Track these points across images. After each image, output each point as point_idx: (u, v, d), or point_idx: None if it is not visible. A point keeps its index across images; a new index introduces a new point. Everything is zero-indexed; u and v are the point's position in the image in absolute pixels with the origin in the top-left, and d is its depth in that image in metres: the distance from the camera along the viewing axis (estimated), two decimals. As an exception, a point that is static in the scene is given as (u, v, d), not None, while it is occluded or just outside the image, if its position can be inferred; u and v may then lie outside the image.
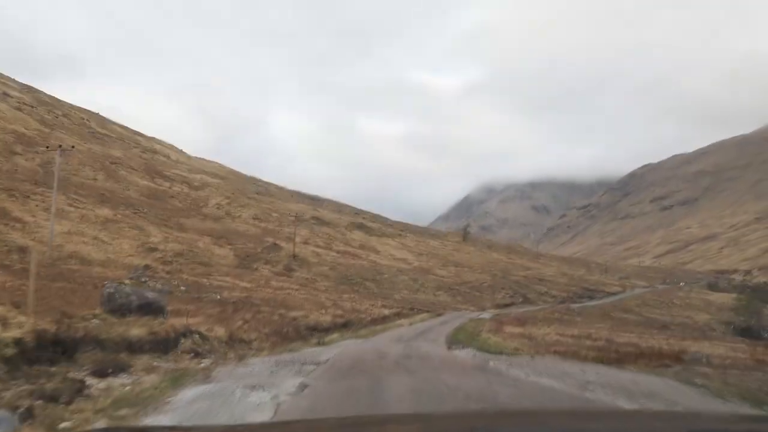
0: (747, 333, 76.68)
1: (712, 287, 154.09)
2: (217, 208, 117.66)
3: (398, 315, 36.56)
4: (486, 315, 43.69)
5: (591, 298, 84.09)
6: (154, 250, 57.64)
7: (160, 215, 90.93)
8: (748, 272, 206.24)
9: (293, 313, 24.96)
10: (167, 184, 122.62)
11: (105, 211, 77.07)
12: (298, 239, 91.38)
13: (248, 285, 38.61)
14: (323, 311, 28.78)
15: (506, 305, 61.45)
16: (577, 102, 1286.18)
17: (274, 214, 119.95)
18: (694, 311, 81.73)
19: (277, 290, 37.30)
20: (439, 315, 43.69)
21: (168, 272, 36.29)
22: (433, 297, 61.02)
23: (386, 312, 35.81)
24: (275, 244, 74.09)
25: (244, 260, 66.28)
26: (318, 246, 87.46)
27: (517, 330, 26.90)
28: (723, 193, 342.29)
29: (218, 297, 24.34)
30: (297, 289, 40.91)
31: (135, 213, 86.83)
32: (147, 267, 35.12)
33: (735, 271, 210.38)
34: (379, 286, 60.36)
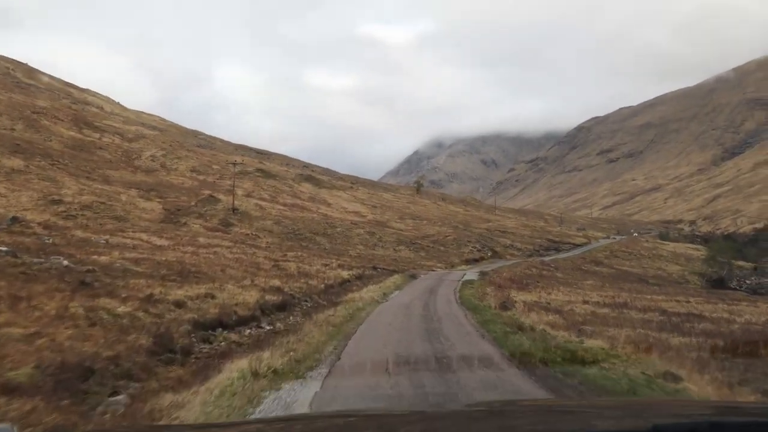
0: (719, 284, 73.67)
1: (664, 237, 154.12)
2: (152, 160, 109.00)
3: (360, 278, 28.81)
4: (471, 275, 36.70)
5: (557, 250, 78.87)
6: (57, 202, 48.05)
7: (84, 167, 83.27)
8: (693, 222, 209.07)
9: (185, 292, 15.23)
10: (96, 135, 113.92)
11: (15, 162, 70.55)
12: (240, 192, 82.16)
13: (164, 243, 30.19)
14: (249, 281, 19.48)
15: (476, 260, 54.95)
16: (527, 56, 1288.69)
17: (215, 167, 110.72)
18: (664, 262, 77.72)
19: (200, 248, 28.96)
20: (413, 276, 36.30)
21: (46, 227, 27.51)
22: (394, 252, 53.81)
23: (345, 274, 28.08)
24: (212, 196, 64.92)
25: (173, 214, 57.15)
26: (262, 199, 78.62)
27: (529, 298, 19.81)
28: (667, 145, 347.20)
29: (65, 264, 15.19)
30: (229, 247, 32.75)
31: (53, 164, 80.00)
32: (15, 219, 26.31)
33: (680, 221, 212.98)
34: (331, 241, 52.56)
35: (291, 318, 16.39)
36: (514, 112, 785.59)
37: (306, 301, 19.57)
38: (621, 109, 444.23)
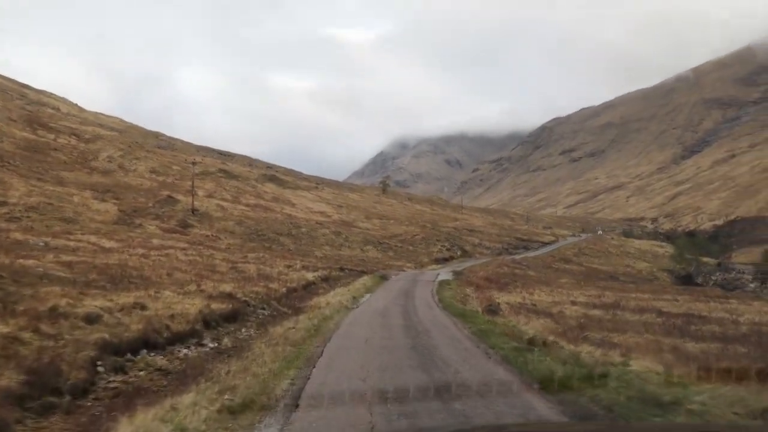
0: (688, 280, 73.93)
1: (628, 234, 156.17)
2: (109, 161, 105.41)
3: (326, 280, 26.69)
4: (445, 274, 35.40)
5: (526, 248, 78.02)
6: (1, 204, 44.69)
7: (36, 168, 79.95)
8: (655, 219, 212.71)
9: (105, 302, 12.20)
10: (51, 136, 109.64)
11: (-43, 163, 67.04)
12: (201, 193, 79.07)
13: (113, 245, 27.62)
14: (195, 287, 16.53)
15: (445, 259, 53.37)
16: (489, 56, 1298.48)
17: (175, 167, 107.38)
18: (632, 259, 77.64)
19: (152, 251, 26.41)
20: (384, 278, 34.22)
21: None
22: (362, 253, 51.83)
23: (310, 276, 25.87)
24: (170, 197, 61.95)
25: (129, 216, 54.08)
26: (224, 199, 75.76)
27: (512, 299, 18.10)
28: (629, 144, 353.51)
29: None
30: (184, 249, 30.25)
31: (2, 166, 76.70)
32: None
33: (642, 218, 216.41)
34: (296, 241, 50.28)
35: (243, 330, 13.87)
36: (477, 112, 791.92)
37: (263, 308, 16.92)
38: (582, 109, 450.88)
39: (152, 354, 10.40)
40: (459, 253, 57.89)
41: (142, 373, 9.32)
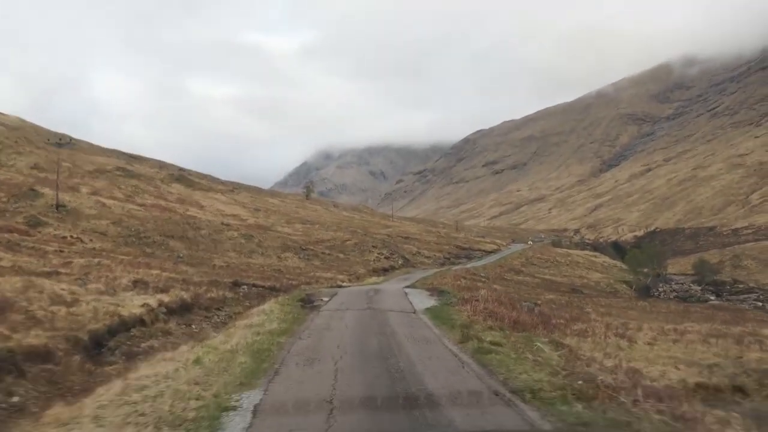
0: (645, 293, 67.59)
1: (556, 244, 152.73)
2: None
3: (186, 309, 14.92)
4: (415, 294, 22.50)
5: (469, 257, 69.35)
6: None
7: None
8: (577, 231, 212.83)
9: None
10: None
11: None
12: (86, 190, 65.40)
13: None
14: None
15: (385, 270, 43.34)
16: (413, 68, 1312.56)
17: (66, 164, 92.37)
18: (584, 270, 70.49)
19: None
20: (306, 303, 19.82)
21: None
22: (278, 261, 40.90)
23: (136, 303, 13.84)
24: (32, 190, 48.51)
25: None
26: (113, 197, 62.40)
27: (606, 361, 8.00)
28: (549, 157, 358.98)
29: None
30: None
31: None
32: None
33: (565, 230, 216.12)
34: (191, 246, 38.65)
35: None
36: (401, 124, 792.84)
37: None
38: (504, 122, 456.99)
39: None
40: (400, 261, 48.15)
41: None
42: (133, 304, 13.83)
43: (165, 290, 16.28)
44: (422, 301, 20.56)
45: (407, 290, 24.59)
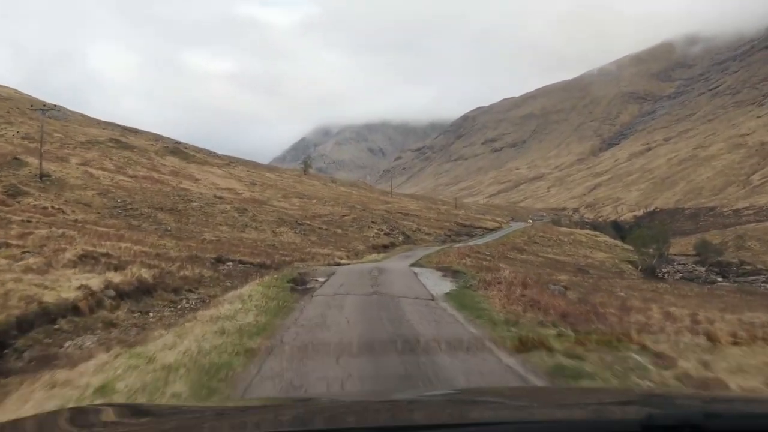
0: (651, 274, 66.12)
1: (556, 223, 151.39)
2: None
3: (145, 291, 12.55)
4: (429, 276, 19.92)
5: (470, 235, 67.58)
6: None
7: None
8: (576, 210, 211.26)
9: None
10: None
11: None
12: (75, 161, 63.21)
13: None
14: None
15: (385, 246, 41.59)
16: (414, 44, 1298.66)
17: (58, 135, 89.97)
18: (587, 249, 68.84)
19: None
20: (299, 283, 17.42)
21: None
22: (273, 236, 39.06)
23: (72, 286, 11.02)
24: (16, 159, 46.38)
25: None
26: (103, 168, 60.28)
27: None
28: (549, 135, 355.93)
29: None
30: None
31: None
32: None
33: (564, 208, 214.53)
34: (180, 219, 36.76)
35: None
36: (400, 100, 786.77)
37: None
38: (504, 99, 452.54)
39: None
40: (401, 238, 46.35)
41: None
42: (68, 286, 11.13)
43: (121, 267, 13.89)
44: (437, 283, 18.09)
45: (416, 270, 22.09)
